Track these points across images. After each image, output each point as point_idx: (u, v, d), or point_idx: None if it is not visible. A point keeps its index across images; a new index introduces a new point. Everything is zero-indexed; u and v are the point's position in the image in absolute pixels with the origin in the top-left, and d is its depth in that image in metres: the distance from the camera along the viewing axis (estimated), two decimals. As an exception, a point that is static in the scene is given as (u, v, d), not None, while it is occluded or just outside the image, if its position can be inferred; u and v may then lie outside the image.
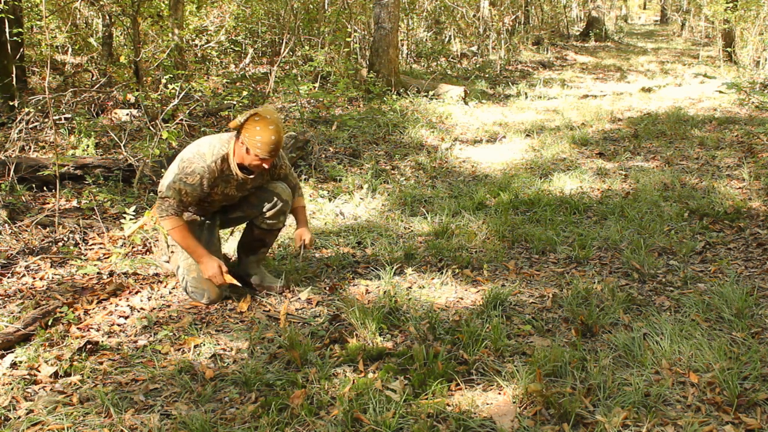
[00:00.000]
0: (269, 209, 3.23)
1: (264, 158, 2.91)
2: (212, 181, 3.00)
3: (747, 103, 8.43)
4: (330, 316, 3.00)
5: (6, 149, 4.86)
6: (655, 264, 3.56)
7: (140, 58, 6.86)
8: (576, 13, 22.19)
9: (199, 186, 2.97)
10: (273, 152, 2.90)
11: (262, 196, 3.24)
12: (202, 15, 9.88)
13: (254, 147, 2.87)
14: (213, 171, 2.97)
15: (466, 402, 2.30)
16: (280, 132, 2.89)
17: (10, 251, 3.57)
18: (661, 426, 2.17)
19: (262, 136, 2.85)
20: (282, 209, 3.26)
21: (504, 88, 10.49)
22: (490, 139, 6.96)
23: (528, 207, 4.63)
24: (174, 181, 2.95)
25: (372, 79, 8.72)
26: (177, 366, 2.55)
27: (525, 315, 3.02)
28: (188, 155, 2.98)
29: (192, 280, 3.11)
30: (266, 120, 2.85)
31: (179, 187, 2.94)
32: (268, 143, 2.86)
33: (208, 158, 2.97)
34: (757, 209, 4.36)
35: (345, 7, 10.57)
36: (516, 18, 15.03)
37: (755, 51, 10.81)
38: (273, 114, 2.89)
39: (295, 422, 2.21)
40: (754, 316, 2.92)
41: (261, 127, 2.85)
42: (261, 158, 2.92)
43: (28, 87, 6.93)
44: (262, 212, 3.25)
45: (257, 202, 3.25)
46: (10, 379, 2.43)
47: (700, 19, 17.77)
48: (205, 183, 2.97)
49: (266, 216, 3.25)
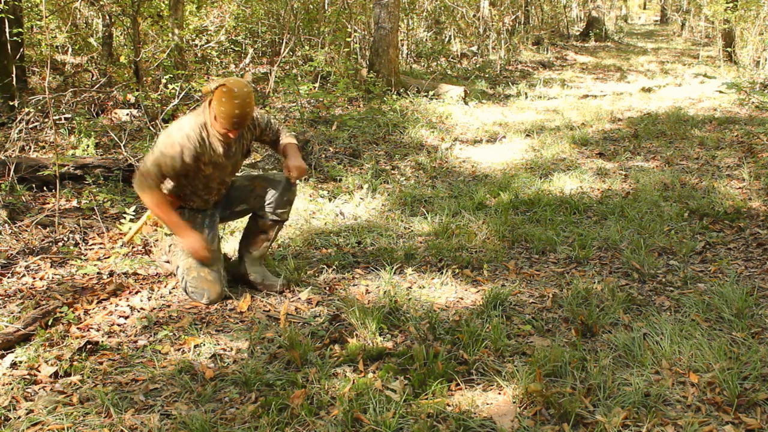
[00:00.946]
0: (277, 199, 3.24)
1: (228, 129, 2.93)
2: (194, 151, 2.98)
3: (747, 103, 8.43)
4: (330, 316, 3.00)
5: (6, 149, 4.86)
6: (655, 264, 3.56)
7: (140, 58, 6.87)
8: (576, 13, 22.18)
9: (179, 157, 2.94)
10: (237, 124, 2.90)
11: (267, 185, 3.24)
12: (202, 15, 9.88)
13: (219, 117, 2.88)
14: (194, 140, 2.96)
15: (466, 402, 2.30)
16: (245, 106, 2.87)
17: (10, 251, 3.57)
18: (661, 426, 2.17)
19: (226, 108, 2.85)
20: (289, 199, 3.27)
21: (504, 88, 10.49)
22: (490, 139, 6.96)
23: (528, 207, 4.63)
24: (155, 156, 2.95)
25: (372, 79, 8.72)
26: (177, 366, 2.55)
27: (525, 315, 3.02)
28: (169, 130, 3.02)
29: (192, 279, 3.11)
30: (232, 93, 2.84)
31: (159, 161, 2.94)
32: (231, 116, 2.86)
33: (186, 128, 2.97)
34: (757, 209, 4.36)
35: (345, 7, 10.57)
36: (516, 18, 15.03)
37: (755, 51, 10.81)
38: (240, 86, 2.86)
39: (295, 422, 2.21)
40: (754, 316, 2.92)
41: (226, 99, 2.85)
42: (226, 129, 2.93)
43: (28, 87, 6.93)
44: (269, 203, 3.25)
45: (263, 193, 3.24)
46: (10, 379, 2.43)
47: (700, 19, 17.77)
48: (186, 153, 2.95)
49: (272, 206, 3.26)
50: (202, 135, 3.00)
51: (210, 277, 3.11)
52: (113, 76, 7.15)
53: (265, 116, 3.27)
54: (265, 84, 8.50)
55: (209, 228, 3.25)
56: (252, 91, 2.92)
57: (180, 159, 2.95)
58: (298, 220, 4.30)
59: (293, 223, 4.23)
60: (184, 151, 2.95)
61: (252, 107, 2.91)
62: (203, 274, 3.11)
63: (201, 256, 3.07)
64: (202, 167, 3.05)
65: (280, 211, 3.28)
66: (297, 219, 4.30)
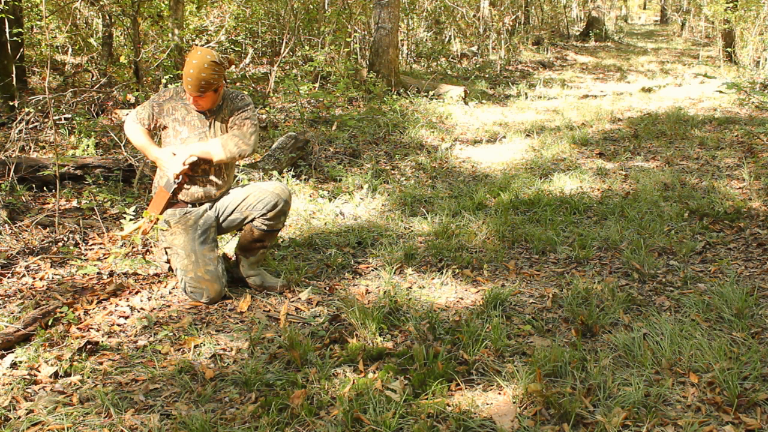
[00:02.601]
0: (269, 210, 3.23)
1: (189, 91, 3.06)
2: (169, 101, 3.18)
3: (747, 103, 8.43)
4: (330, 316, 3.00)
5: (6, 149, 4.86)
6: (655, 264, 3.56)
7: (140, 58, 6.87)
8: (576, 13, 22.19)
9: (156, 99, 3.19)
10: (195, 89, 3.02)
11: (260, 196, 3.24)
12: (202, 15, 9.88)
13: (183, 78, 3.05)
14: (172, 91, 3.22)
15: (466, 402, 2.30)
16: (201, 69, 3.00)
17: (10, 251, 3.57)
18: (661, 426, 2.17)
19: (185, 70, 3.03)
20: (282, 209, 3.26)
21: (504, 88, 10.49)
22: (490, 139, 6.96)
23: (528, 207, 4.63)
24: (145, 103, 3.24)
25: (372, 79, 8.72)
26: (177, 366, 2.55)
27: (525, 315, 3.02)
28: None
29: (190, 280, 3.11)
30: (192, 54, 3.02)
31: (144, 103, 3.24)
32: (186, 76, 3.01)
33: (171, 87, 3.28)
34: (757, 209, 4.36)
35: (345, 7, 10.57)
36: (516, 18, 15.03)
37: (755, 51, 10.81)
38: (203, 51, 3.03)
39: (295, 422, 2.21)
40: (754, 316, 2.92)
41: (187, 60, 3.03)
42: (187, 91, 3.07)
43: (28, 87, 6.93)
44: (262, 213, 3.24)
45: (255, 203, 3.24)
46: (10, 379, 2.43)
47: (700, 19, 17.77)
48: (164, 99, 3.18)
49: (266, 217, 3.25)
50: (180, 95, 3.20)
51: (208, 276, 3.11)
52: (113, 76, 7.15)
53: (248, 112, 3.24)
54: (265, 84, 8.50)
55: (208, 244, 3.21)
56: (214, 60, 3.01)
57: (156, 101, 3.19)
58: (298, 220, 4.30)
59: (293, 223, 4.23)
60: (165, 96, 3.19)
61: (208, 75, 3.00)
62: (201, 274, 3.11)
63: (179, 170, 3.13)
64: (177, 126, 3.18)
65: (273, 222, 3.28)
66: (297, 219, 4.30)
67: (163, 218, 3.19)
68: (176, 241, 3.16)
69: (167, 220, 3.18)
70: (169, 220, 3.18)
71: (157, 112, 3.19)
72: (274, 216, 3.25)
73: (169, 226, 3.19)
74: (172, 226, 3.17)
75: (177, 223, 3.17)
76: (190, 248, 3.14)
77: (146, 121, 3.21)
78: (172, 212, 3.20)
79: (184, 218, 3.19)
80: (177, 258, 3.15)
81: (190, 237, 3.15)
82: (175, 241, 3.16)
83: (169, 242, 3.18)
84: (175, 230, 3.17)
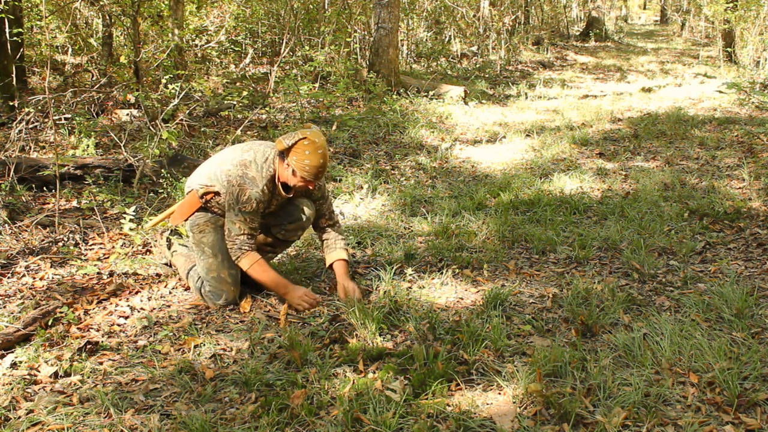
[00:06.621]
0: (291, 222, 3.29)
1: (310, 181, 3.03)
2: (264, 205, 3.10)
3: (747, 103, 8.43)
4: (330, 316, 3.00)
5: (6, 149, 4.86)
6: (655, 264, 3.56)
7: (140, 58, 6.87)
8: (576, 13, 22.19)
9: (258, 211, 3.05)
10: (319, 175, 3.03)
11: (288, 209, 3.29)
12: (202, 15, 9.88)
13: (302, 170, 2.98)
14: (265, 194, 3.06)
15: (466, 402, 2.30)
16: (327, 156, 3.01)
17: (10, 251, 3.57)
18: (661, 426, 2.17)
19: (311, 160, 2.95)
20: (302, 225, 3.32)
21: (504, 88, 10.49)
22: (490, 139, 6.96)
23: (528, 207, 4.63)
24: (236, 215, 3.00)
25: (372, 79, 8.72)
26: (177, 366, 2.55)
27: (525, 315, 3.02)
28: (237, 179, 3.01)
29: (212, 279, 3.10)
30: (315, 144, 2.96)
31: (243, 218, 3.01)
32: (317, 167, 2.98)
33: (259, 183, 3.03)
34: (757, 209, 4.36)
35: (345, 7, 10.57)
36: (516, 18, 15.03)
37: (755, 51, 10.82)
38: (320, 138, 2.99)
39: (295, 422, 2.21)
40: (754, 316, 2.92)
41: (310, 151, 2.95)
42: (307, 180, 3.03)
43: (28, 87, 6.93)
44: (283, 224, 3.30)
45: (282, 213, 3.29)
46: (10, 379, 2.43)
47: (700, 19, 17.78)
48: (261, 207, 3.06)
49: (286, 228, 3.31)
50: (270, 189, 3.09)
51: (230, 279, 3.12)
52: (113, 76, 7.15)
53: (323, 186, 3.34)
54: (265, 84, 8.50)
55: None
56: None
57: (259, 213, 3.07)
58: (298, 220, 4.30)
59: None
60: (260, 206, 3.06)
61: (328, 156, 3.05)
62: (224, 276, 3.11)
63: (313, 304, 3.09)
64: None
65: (291, 234, 3.36)
66: (297, 219, 4.30)
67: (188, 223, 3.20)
68: (205, 239, 3.15)
69: (197, 221, 3.18)
70: (199, 220, 3.18)
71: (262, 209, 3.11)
72: (292, 228, 3.32)
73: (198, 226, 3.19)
74: (201, 224, 3.17)
75: (207, 222, 3.18)
76: (218, 248, 3.14)
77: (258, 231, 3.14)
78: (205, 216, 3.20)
79: (215, 217, 3.20)
80: (202, 256, 3.15)
81: (220, 236, 3.16)
82: (204, 239, 3.15)
83: (197, 240, 3.17)
84: (205, 228, 3.17)
